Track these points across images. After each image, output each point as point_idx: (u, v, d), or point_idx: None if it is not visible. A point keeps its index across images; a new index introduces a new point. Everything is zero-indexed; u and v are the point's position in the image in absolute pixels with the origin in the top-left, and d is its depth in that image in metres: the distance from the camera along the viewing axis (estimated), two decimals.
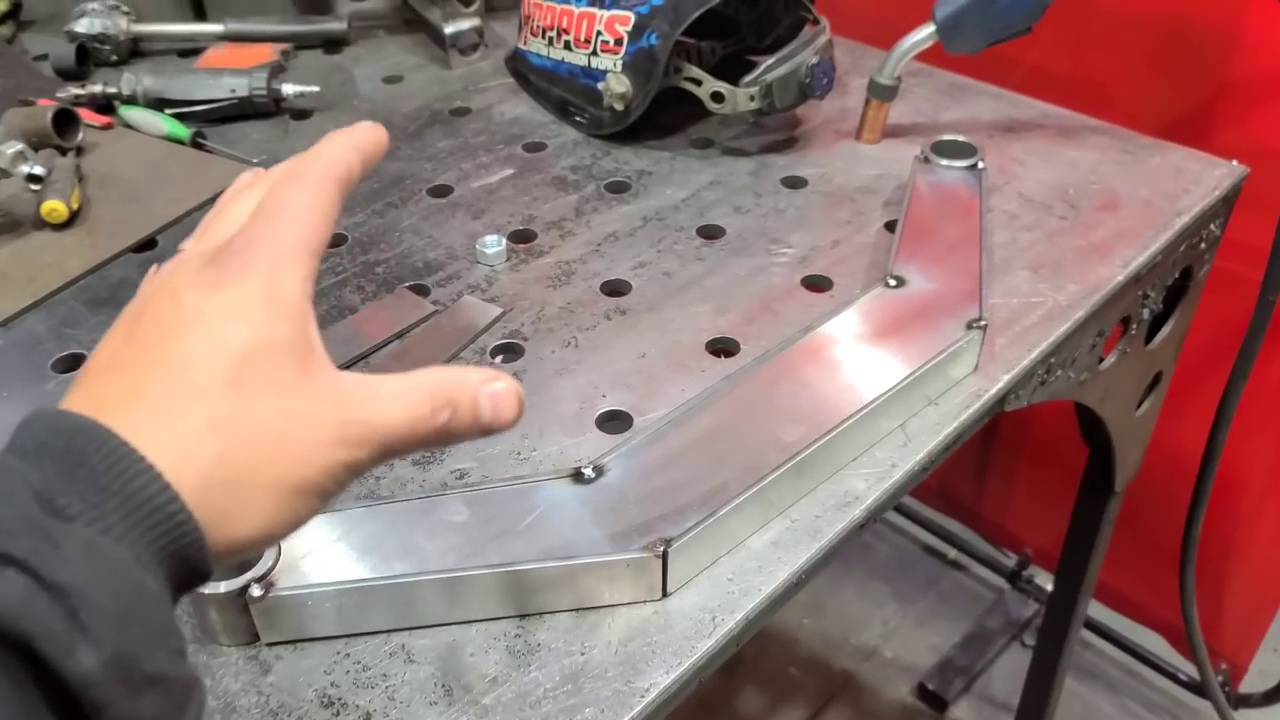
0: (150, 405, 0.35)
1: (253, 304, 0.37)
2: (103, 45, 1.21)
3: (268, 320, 0.37)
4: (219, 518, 0.34)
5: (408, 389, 0.39)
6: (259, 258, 0.38)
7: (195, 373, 0.36)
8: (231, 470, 0.35)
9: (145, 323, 0.38)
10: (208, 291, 0.37)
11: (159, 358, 0.36)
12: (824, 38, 1.01)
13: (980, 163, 0.93)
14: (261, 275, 0.38)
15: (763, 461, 0.67)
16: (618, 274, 0.89)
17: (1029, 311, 0.83)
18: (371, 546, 0.62)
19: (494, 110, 1.14)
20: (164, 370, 0.36)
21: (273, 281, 0.38)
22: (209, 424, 0.35)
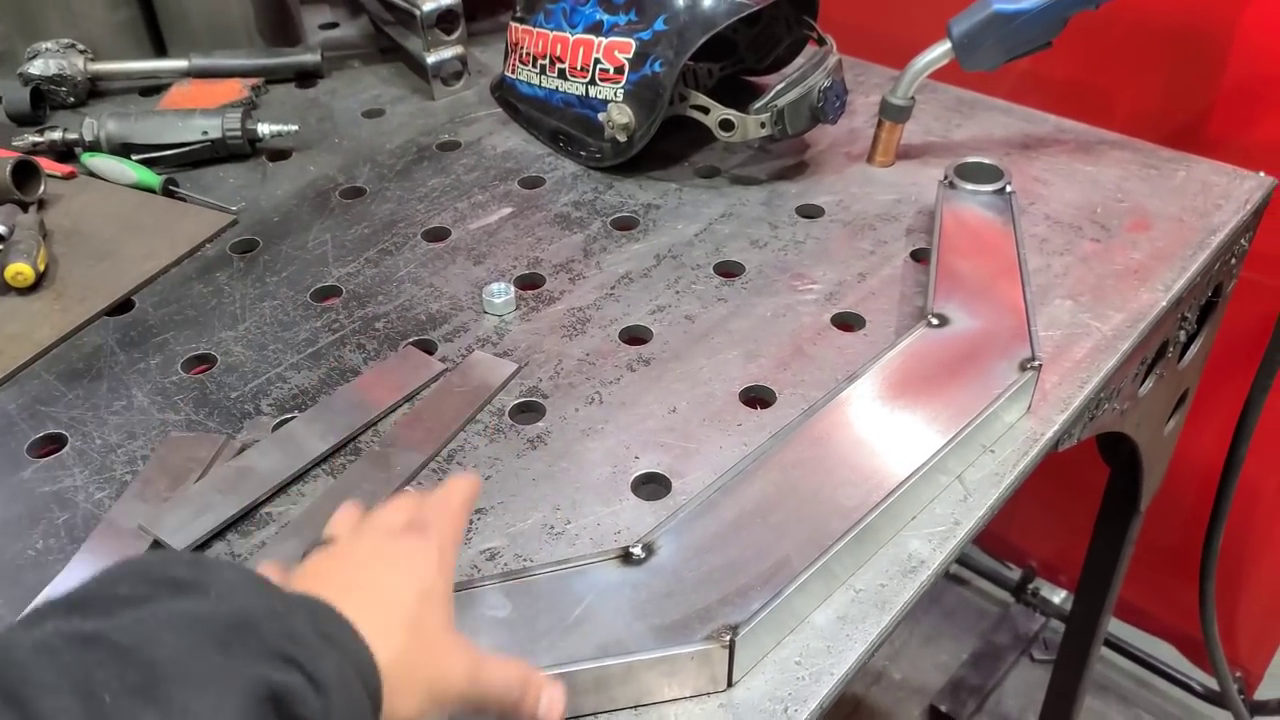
0: (359, 602, 0.45)
1: (431, 559, 0.50)
2: (59, 87, 1.14)
3: (439, 574, 0.50)
4: (389, 694, 0.44)
5: (507, 664, 0.51)
6: (433, 535, 0.52)
7: (392, 589, 0.48)
8: (405, 664, 0.45)
9: (348, 556, 0.51)
10: (401, 543, 0.51)
11: (363, 574, 0.49)
12: (834, 58, 0.97)
13: (1009, 186, 0.89)
14: (436, 545, 0.51)
15: (824, 531, 0.61)
16: (636, 319, 0.84)
17: (1074, 344, 0.79)
18: None
19: (484, 143, 1.08)
20: (368, 581, 0.49)
21: (442, 553, 0.51)
22: (400, 625, 0.46)
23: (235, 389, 0.79)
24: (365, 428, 0.75)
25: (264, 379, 0.79)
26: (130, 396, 0.78)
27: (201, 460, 0.72)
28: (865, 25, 1.17)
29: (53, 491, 0.71)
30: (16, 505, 0.70)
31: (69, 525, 0.68)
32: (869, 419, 0.70)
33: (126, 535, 0.66)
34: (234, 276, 0.90)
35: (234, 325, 0.85)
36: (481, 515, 0.68)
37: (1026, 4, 0.91)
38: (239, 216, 0.97)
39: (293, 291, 0.88)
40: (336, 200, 1.00)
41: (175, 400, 0.78)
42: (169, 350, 0.82)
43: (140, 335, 0.84)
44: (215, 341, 0.83)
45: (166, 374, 0.80)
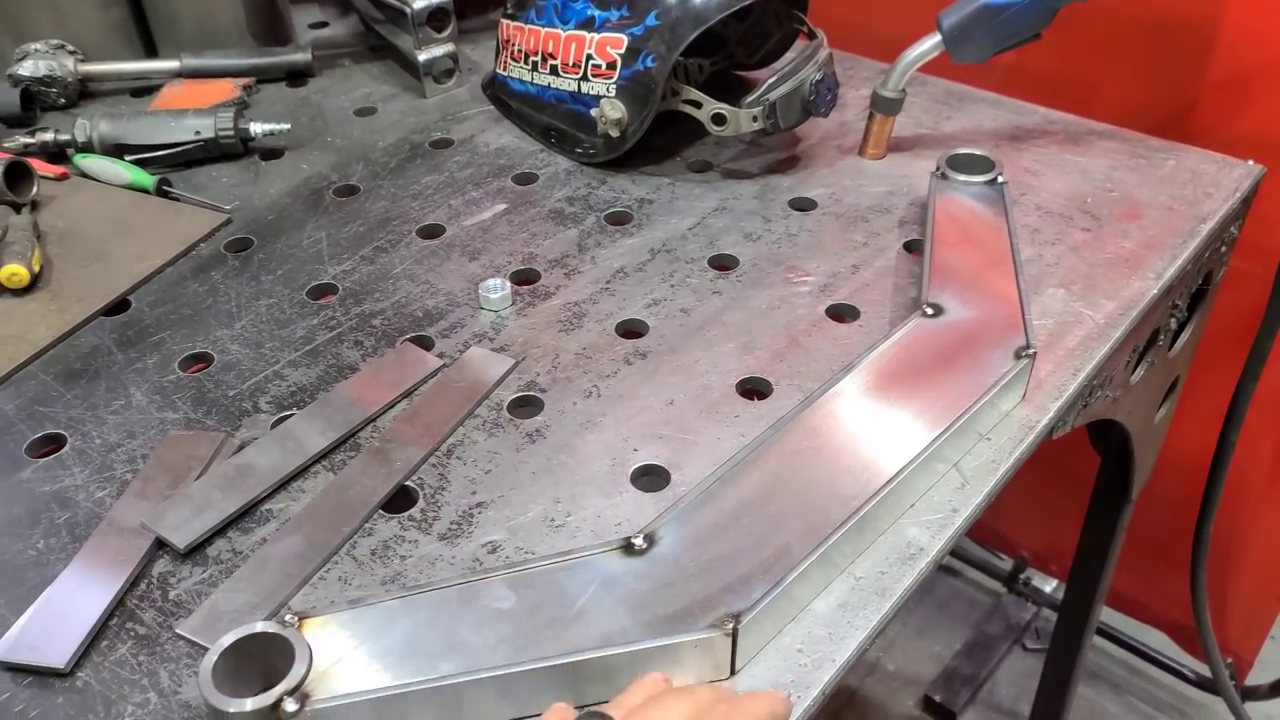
0: None
1: None
2: (49, 88, 1.14)
3: None
4: None
5: None
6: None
7: None
8: None
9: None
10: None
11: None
12: (824, 52, 0.97)
13: (1000, 177, 0.90)
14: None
15: (823, 520, 0.62)
16: (632, 313, 0.84)
17: (1067, 332, 0.80)
18: (414, 645, 0.56)
19: (477, 140, 1.08)
20: None
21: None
22: None
23: (233, 387, 0.79)
24: (364, 424, 0.75)
25: (261, 377, 0.79)
26: (128, 396, 0.78)
27: (201, 458, 0.72)
28: (853, 19, 1.18)
29: (53, 491, 0.71)
30: (17, 505, 0.70)
31: (70, 524, 0.68)
32: (866, 409, 0.70)
33: (128, 533, 0.67)
34: (229, 275, 0.90)
35: (230, 324, 0.85)
36: (482, 509, 0.68)
37: None
38: (233, 215, 0.97)
39: (288, 290, 0.88)
40: (330, 198, 1.00)
41: (173, 399, 0.78)
42: (166, 349, 0.82)
43: (137, 335, 0.84)
44: (212, 340, 0.83)
45: (164, 373, 0.80)
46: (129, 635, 0.61)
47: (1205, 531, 1.28)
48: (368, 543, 0.67)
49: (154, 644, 0.61)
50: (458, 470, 0.71)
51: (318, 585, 0.64)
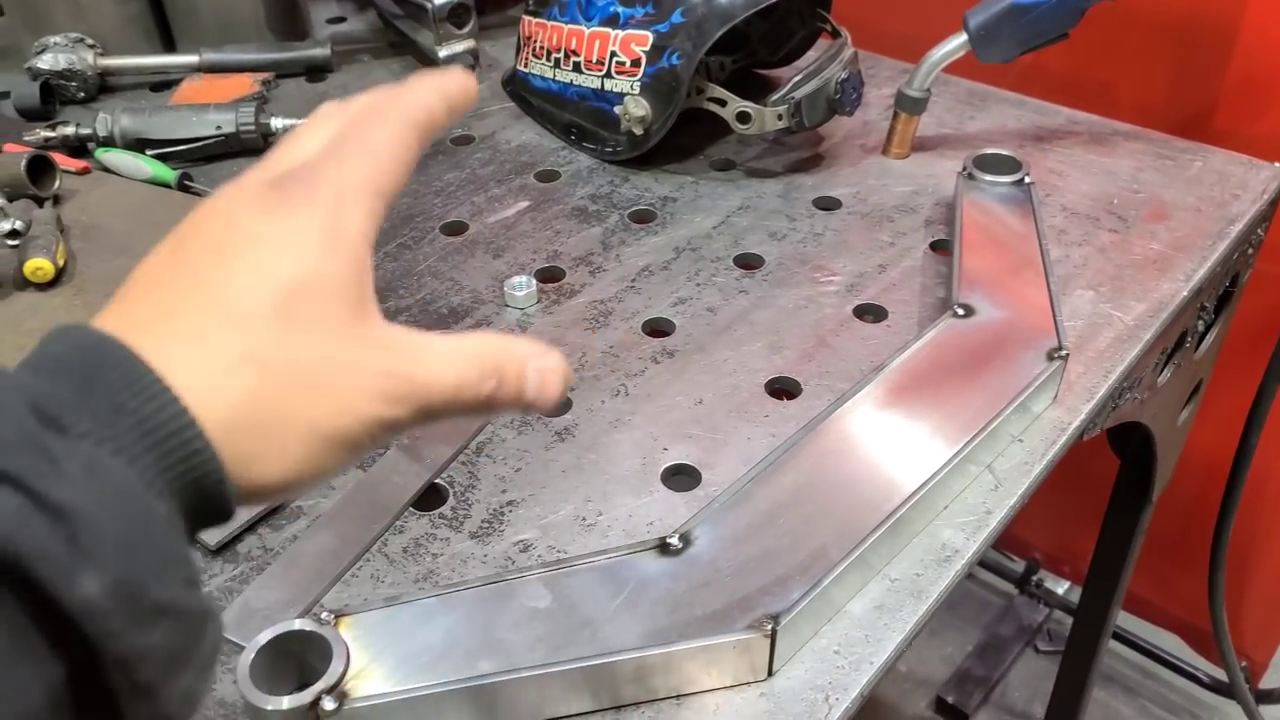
0: (183, 330, 0.33)
1: (310, 237, 0.35)
2: (69, 82, 1.13)
3: (323, 256, 0.35)
4: (244, 457, 0.32)
5: (457, 350, 0.37)
6: (323, 190, 0.36)
7: (237, 301, 0.33)
8: (262, 409, 0.32)
9: (193, 242, 0.36)
10: (264, 217, 0.35)
11: (200, 281, 0.34)
12: (849, 51, 0.97)
13: (1027, 177, 0.89)
14: (323, 209, 0.35)
15: (859, 521, 0.62)
16: (658, 312, 0.84)
17: (1097, 334, 0.80)
18: (451, 643, 0.56)
19: (498, 137, 1.08)
20: (203, 294, 0.34)
21: (334, 217, 0.35)
22: (244, 357, 0.33)
23: None
24: None
25: None
26: None
27: None
28: (876, 19, 1.17)
29: None
30: None
31: None
32: (898, 410, 0.70)
33: None
34: None
35: None
36: (513, 507, 0.68)
37: None
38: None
39: None
40: None
41: None
42: None
43: None
44: None
45: None
46: None
47: (1225, 534, 1.27)
48: (399, 540, 0.66)
49: None
50: (487, 468, 0.71)
51: (350, 582, 0.64)
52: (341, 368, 0.34)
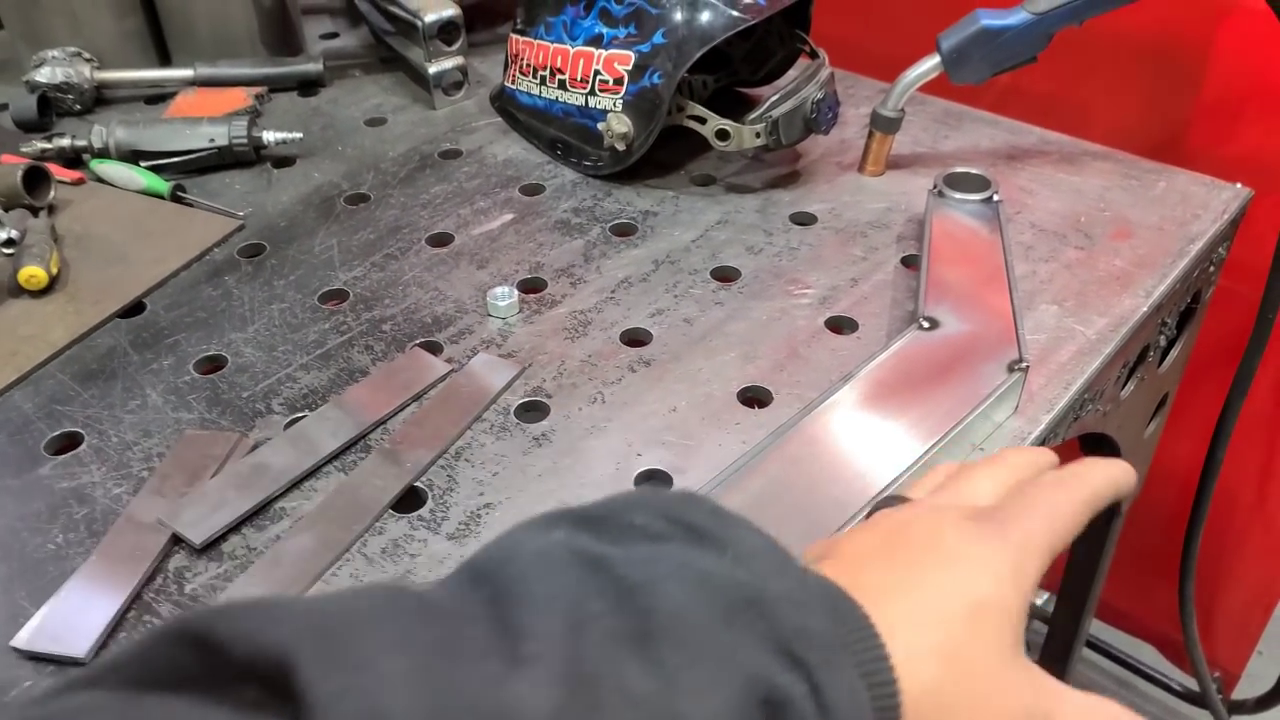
0: (898, 611, 0.38)
1: (1002, 567, 0.41)
2: (66, 94, 1.16)
3: (1008, 585, 0.41)
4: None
5: (1095, 708, 0.42)
6: (1014, 534, 0.42)
7: (939, 601, 0.39)
8: (936, 701, 0.37)
9: (905, 542, 0.43)
10: (966, 541, 0.42)
11: (914, 577, 0.40)
12: (826, 71, 1.00)
13: (996, 195, 0.92)
14: (1014, 548, 0.42)
15: (821, 525, 0.64)
16: (636, 322, 0.86)
17: (1060, 347, 0.82)
18: None
19: (485, 151, 1.10)
20: (917, 588, 0.40)
21: (1020, 557, 0.42)
22: (935, 649, 0.38)
23: (247, 389, 0.81)
24: (375, 426, 0.77)
25: (274, 379, 0.81)
26: (144, 396, 0.80)
27: (217, 457, 0.74)
28: (855, 40, 1.20)
29: (71, 488, 0.73)
30: (36, 501, 0.72)
31: (88, 520, 0.70)
32: (863, 418, 0.72)
33: (145, 529, 0.69)
34: (242, 280, 0.92)
35: (244, 327, 0.87)
36: (490, 509, 0.70)
37: (1013, 19, 0.94)
38: (246, 221, 0.99)
39: (300, 294, 0.90)
40: (341, 206, 1.02)
41: (189, 399, 0.80)
42: (180, 351, 0.85)
43: (152, 337, 0.86)
44: (226, 343, 0.85)
45: (179, 374, 0.82)
46: (146, 627, 0.63)
47: (1194, 545, 1.30)
48: (378, 541, 0.69)
49: None
50: (466, 472, 0.73)
51: (329, 581, 0.66)
52: (1000, 687, 0.39)
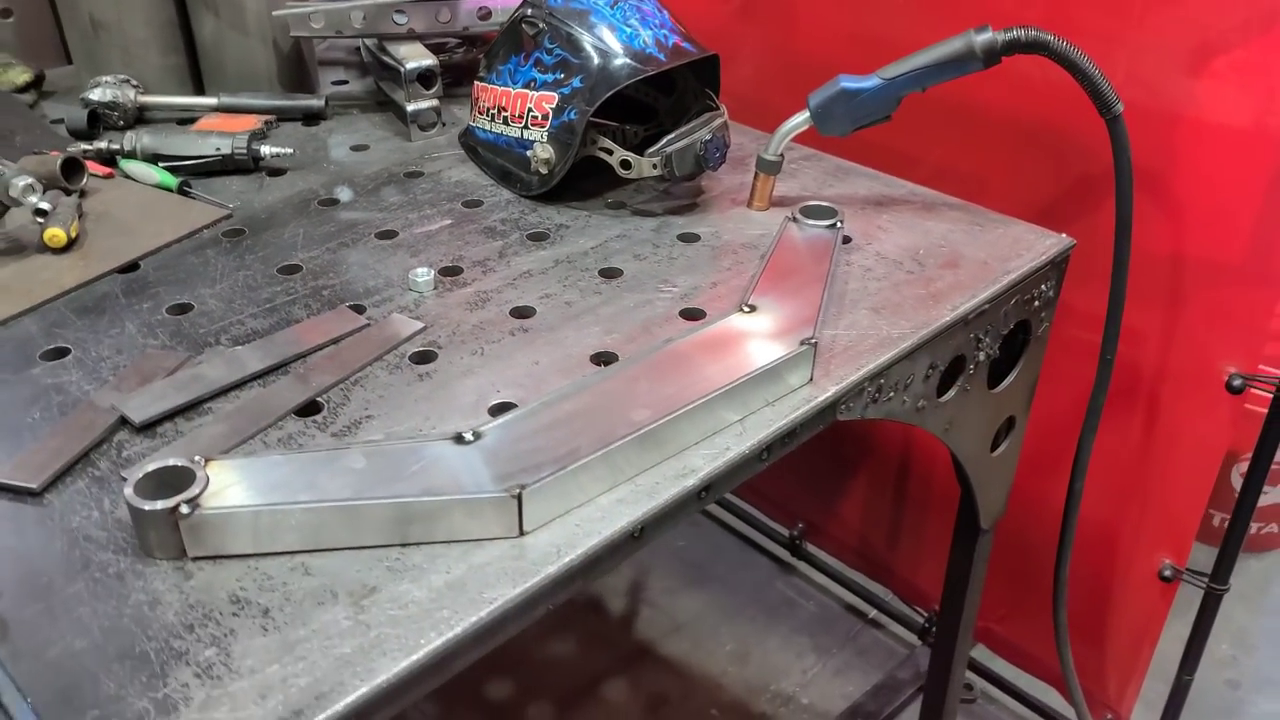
0: None
1: None
2: (112, 111, 1.40)
3: None
4: None
5: None
6: None
7: None
8: None
9: None
10: None
11: None
12: (719, 119, 1.20)
13: (839, 223, 1.10)
14: None
15: (612, 434, 0.82)
16: (526, 302, 1.05)
17: (863, 341, 0.99)
18: (283, 483, 0.76)
19: (443, 174, 1.32)
20: None
21: None
22: None
23: (204, 327, 1.01)
24: (296, 358, 0.96)
25: (227, 322, 1.02)
26: (123, 326, 1.01)
27: (168, 368, 0.94)
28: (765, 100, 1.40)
29: (53, 383, 0.93)
30: (24, 389, 0.92)
31: (61, 405, 0.90)
32: (674, 369, 0.90)
33: (101, 412, 0.88)
34: (221, 253, 1.14)
35: (213, 285, 1.08)
36: (370, 419, 0.89)
37: (867, 83, 1.14)
38: (234, 212, 1.21)
39: (264, 267, 1.11)
40: (315, 207, 1.24)
41: (157, 332, 1.00)
42: (159, 299, 1.05)
43: (140, 288, 1.07)
44: (196, 296, 1.06)
45: (154, 314, 1.03)
46: (88, 476, 0.82)
47: (1063, 573, 1.43)
48: (277, 433, 0.87)
49: (104, 483, 0.82)
50: (359, 394, 0.92)
51: (233, 458, 0.85)
52: None
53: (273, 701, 0.65)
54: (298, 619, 0.71)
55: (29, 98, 1.49)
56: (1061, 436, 1.41)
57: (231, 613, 0.71)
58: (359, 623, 0.70)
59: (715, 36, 1.30)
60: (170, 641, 0.69)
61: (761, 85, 1.56)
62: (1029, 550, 1.57)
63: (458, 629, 0.70)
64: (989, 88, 1.33)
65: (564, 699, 1.82)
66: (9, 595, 0.72)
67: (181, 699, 0.65)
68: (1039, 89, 1.32)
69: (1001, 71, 1.14)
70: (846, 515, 1.93)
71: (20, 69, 1.49)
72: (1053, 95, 1.30)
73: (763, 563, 2.09)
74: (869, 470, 1.85)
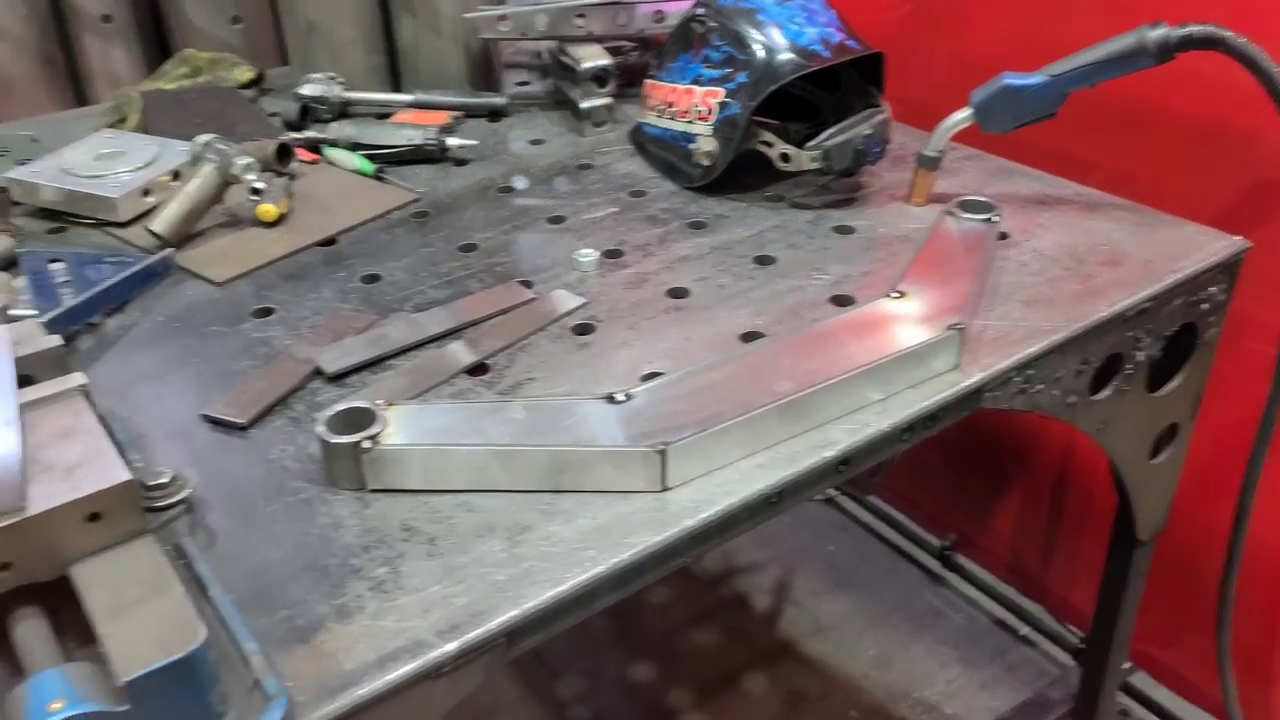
0: None
1: None
2: (320, 105, 1.54)
3: None
4: None
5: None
6: None
7: None
8: None
9: None
10: None
11: None
12: (880, 116, 1.22)
13: (995, 217, 1.11)
14: None
15: (755, 402, 0.86)
16: (682, 284, 1.11)
17: (1015, 331, 1.00)
18: (452, 428, 0.84)
19: (612, 167, 1.39)
20: None
21: None
22: None
23: (390, 295, 1.11)
24: (468, 325, 1.05)
25: (411, 291, 1.11)
26: (320, 292, 1.12)
27: (358, 328, 1.04)
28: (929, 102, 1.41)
29: (260, 337, 1.04)
30: (236, 341, 1.04)
31: (266, 355, 1.01)
32: (822, 347, 0.93)
33: (299, 363, 0.98)
34: (408, 231, 1.24)
35: (399, 259, 1.18)
36: (532, 381, 0.96)
37: (1032, 80, 1.14)
38: (421, 197, 1.32)
39: (446, 245, 1.21)
40: (493, 194, 1.33)
41: (349, 297, 1.11)
42: (353, 269, 1.16)
43: (336, 259, 1.19)
44: (385, 268, 1.16)
45: (348, 282, 1.14)
46: (286, 417, 0.93)
47: (1228, 598, 1.37)
48: (449, 389, 0.95)
49: (300, 423, 0.92)
50: (523, 359, 0.99)
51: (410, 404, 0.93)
52: None
53: (434, 616, 0.72)
54: (459, 548, 0.78)
55: (251, 94, 1.65)
56: (1232, 451, 1.36)
57: (402, 539, 0.79)
58: (513, 555, 0.77)
59: (885, 40, 1.32)
60: (349, 559, 0.77)
61: (931, 89, 1.56)
62: (1194, 572, 1.51)
63: (600, 568, 0.76)
64: (1165, 89, 1.31)
65: (704, 687, 1.86)
66: (217, 510, 0.82)
67: (357, 608, 0.73)
68: (1217, 89, 1.28)
69: (1177, 71, 1.12)
70: (1000, 528, 1.90)
71: (245, 68, 1.66)
72: (1232, 96, 1.27)
73: (911, 572, 2.07)
74: (1025, 483, 1.82)
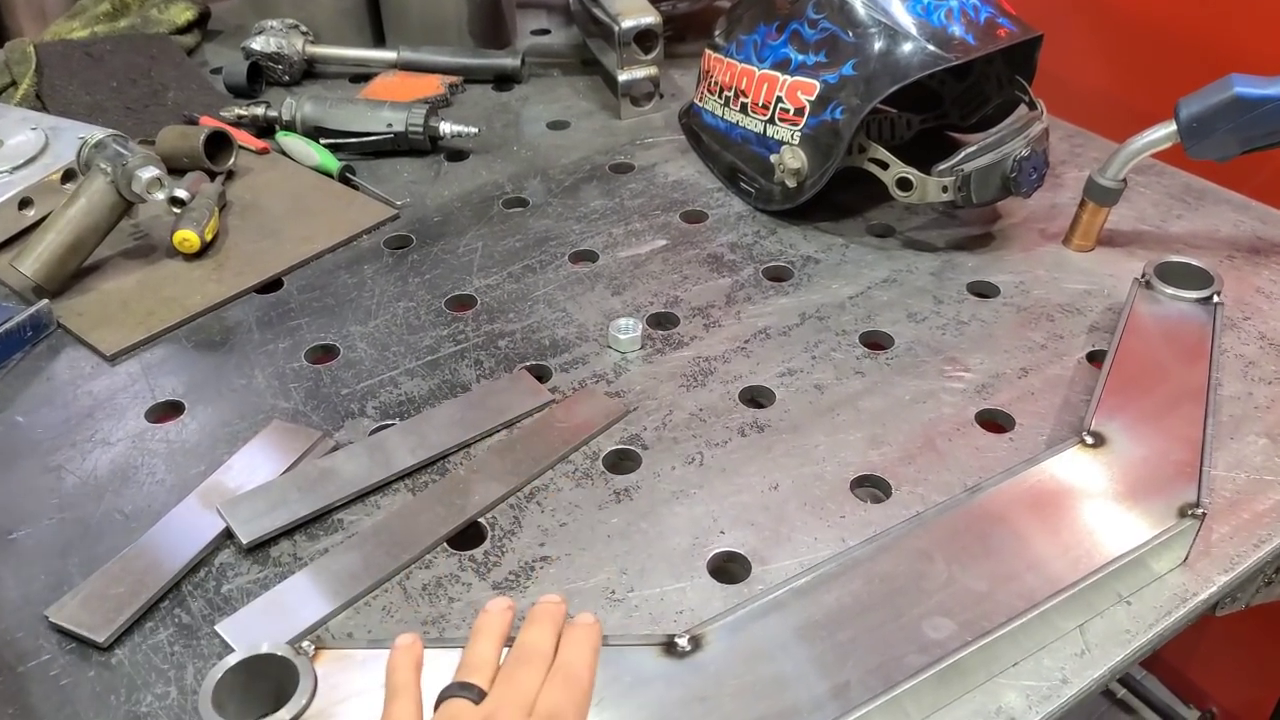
0: None
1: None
2: (276, 65, 1.19)
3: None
4: None
5: None
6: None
7: None
8: None
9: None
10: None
11: None
12: (1039, 127, 0.87)
13: (1217, 296, 0.77)
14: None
15: (899, 663, 0.54)
16: (761, 380, 0.78)
17: (1261, 492, 0.67)
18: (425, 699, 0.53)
19: (658, 170, 1.04)
20: None
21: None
22: None
23: (348, 385, 0.78)
24: (458, 448, 0.72)
25: (377, 380, 0.79)
26: (251, 376, 0.79)
27: (296, 450, 0.72)
28: (1095, 88, 1.05)
29: (150, 464, 0.72)
30: (122, 460, 0.72)
31: (165, 488, 0.69)
32: (987, 541, 0.61)
33: (205, 516, 0.67)
34: (380, 271, 0.91)
35: (365, 321, 0.85)
36: (546, 564, 0.64)
37: (1275, 90, 0.79)
38: (401, 212, 0.98)
39: (430, 296, 0.88)
40: (498, 209, 0.99)
41: (290, 387, 0.78)
42: (299, 336, 0.84)
43: (279, 316, 0.86)
44: (343, 334, 0.84)
45: (291, 359, 0.81)
46: (173, 622, 0.61)
47: None
48: (423, 575, 0.64)
49: (192, 635, 0.61)
50: (533, 516, 0.68)
51: (361, 610, 0.62)
52: None
53: None
54: None
55: (190, 39, 1.29)
56: None
57: None
58: None
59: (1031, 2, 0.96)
60: None
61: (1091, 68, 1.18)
62: None
63: None
64: None
65: None
66: None
67: None
68: None
69: None
70: (1266, 703, 1.55)
71: (182, 6, 1.30)
72: None
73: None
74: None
